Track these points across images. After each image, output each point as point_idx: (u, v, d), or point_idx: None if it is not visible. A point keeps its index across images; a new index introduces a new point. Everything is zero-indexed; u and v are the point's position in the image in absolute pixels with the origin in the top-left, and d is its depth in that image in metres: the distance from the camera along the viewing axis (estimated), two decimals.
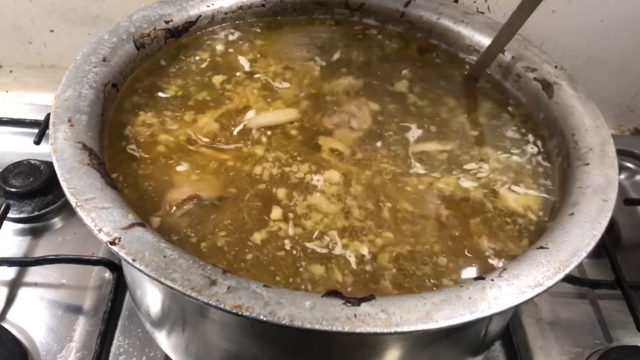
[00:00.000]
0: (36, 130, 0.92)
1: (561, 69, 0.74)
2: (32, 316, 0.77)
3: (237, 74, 0.76)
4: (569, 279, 0.81)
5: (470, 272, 0.57)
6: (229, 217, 0.59)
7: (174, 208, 0.59)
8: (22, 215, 0.86)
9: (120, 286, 0.78)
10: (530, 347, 0.78)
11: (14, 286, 0.80)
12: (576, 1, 0.98)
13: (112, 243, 0.49)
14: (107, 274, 0.80)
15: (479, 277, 0.50)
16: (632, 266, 0.85)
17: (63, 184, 0.52)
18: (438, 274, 0.56)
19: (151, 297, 0.63)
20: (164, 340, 0.66)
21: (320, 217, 0.60)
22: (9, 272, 0.81)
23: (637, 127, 1.14)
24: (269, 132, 0.69)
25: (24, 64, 1.09)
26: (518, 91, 0.76)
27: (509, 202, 0.63)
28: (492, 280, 0.49)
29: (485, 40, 0.79)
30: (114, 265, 0.79)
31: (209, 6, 0.80)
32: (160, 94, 0.71)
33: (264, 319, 0.45)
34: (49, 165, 0.90)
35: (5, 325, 0.74)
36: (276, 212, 0.60)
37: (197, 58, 0.77)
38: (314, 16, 0.86)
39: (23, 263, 0.81)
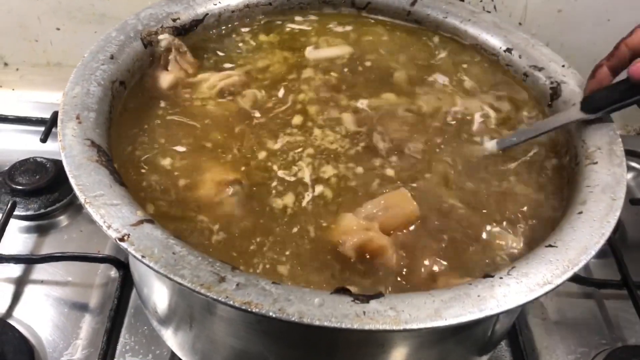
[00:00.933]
0: (42, 128, 0.92)
1: (568, 68, 0.73)
2: (39, 313, 0.77)
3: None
4: (575, 278, 0.81)
5: None
6: None
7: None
8: (28, 213, 0.86)
9: (126, 284, 0.78)
10: (537, 346, 0.78)
11: (20, 283, 0.80)
12: (582, 0, 0.98)
13: (122, 239, 0.49)
14: (113, 272, 0.81)
15: (488, 275, 0.50)
16: (638, 266, 0.84)
17: (72, 181, 0.53)
18: None
19: (158, 294, 0.63)
20: (170, 337, 0.66)
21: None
22: (16, 270, 0.81)
23: None
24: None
25: (30, 62, 1.09)
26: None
27: None
28: (501, 278, 0.49)
29: (491, 40, 0.79)
30: (120, 263, 0.79)
31: (215, 4, 0.80)
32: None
33: (273, 315, 0.45)
34: (55, 163, 0.90)
35: (11, 322, 0.74)
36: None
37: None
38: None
39: (29, 260, 0.81)
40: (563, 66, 0.74)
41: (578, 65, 0.74)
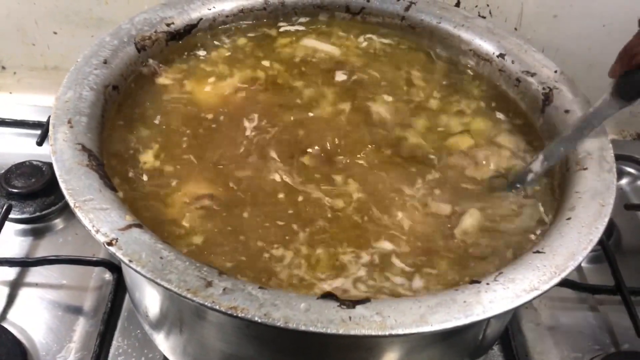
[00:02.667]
0: (39, 132, 0.93)
1: (561, 74, 0.73)
2: (33, 316, 0.77)
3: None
4: (568, 284, 0.81)
5: None
6: None
7: None
8: (23, 216, 0.87)
9: (120, 287, 0.79)
10: (530, 352, 0.77)
11: (14, 286, 0.80)
12: (578, 6, 0.98)
13: (109, 244, 0.49)
14: (107, 275, 0.81)
15: (474, 281, 0.50)
16: (632, 272, 0.84)
17: (62, 185, 0.53)
18: None
19: (149, 299, 0.63)
20: (162, 341, 0.67)
21: None
22: (10, 273, 0.81)
23: (639, 132, 1.13)
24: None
25: (27, 65, 1.10)
26: (517, 95, 0.76)
27: None
28: (488, 284, 0.50)
29: (485, 45, 0.79)
30: (114, 267, 0.80)
31: (210, 9, 0.80)
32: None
33: (259, 320, 0.45)
34: (51, 166, 0.88)
35: (5, 325, 0.75)
36: None
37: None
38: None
39: (24, 263, 0.81)
40: (556, 72, 0.74)
41: (573, 71, 0.74)
